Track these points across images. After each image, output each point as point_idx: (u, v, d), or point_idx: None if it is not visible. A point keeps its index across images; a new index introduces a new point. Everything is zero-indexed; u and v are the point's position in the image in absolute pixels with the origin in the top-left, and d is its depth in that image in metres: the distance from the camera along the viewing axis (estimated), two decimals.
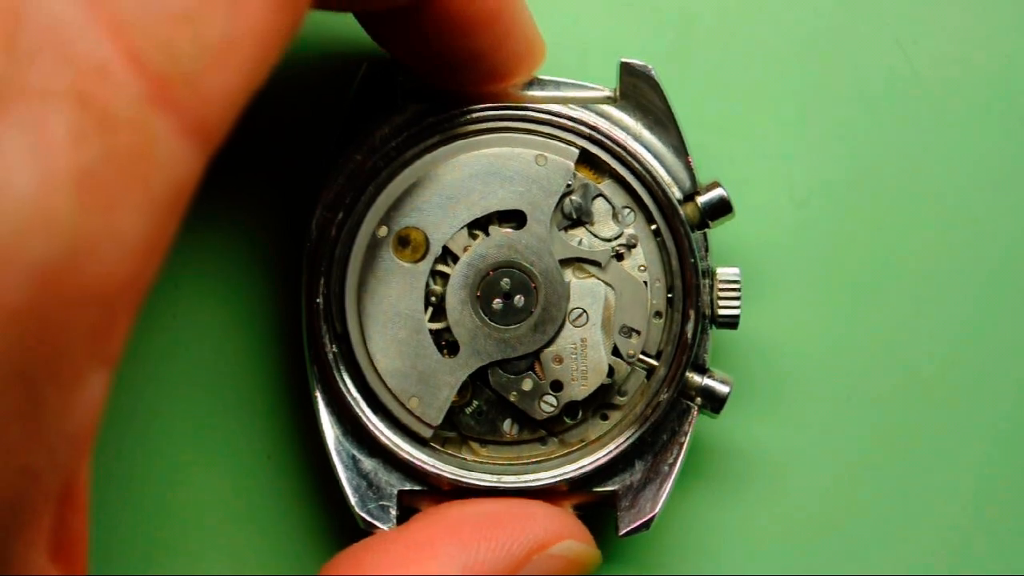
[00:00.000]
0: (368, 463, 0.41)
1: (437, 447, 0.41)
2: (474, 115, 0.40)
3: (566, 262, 0.41)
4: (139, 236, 0.27)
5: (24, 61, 0.26)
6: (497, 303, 0.40)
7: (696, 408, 0.40)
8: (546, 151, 0.40)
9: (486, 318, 0.40)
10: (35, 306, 0.26)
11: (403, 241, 0.40)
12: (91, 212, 0.26)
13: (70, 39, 0.26)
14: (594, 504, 0.41)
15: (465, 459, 0.41)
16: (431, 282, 0.41)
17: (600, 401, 0.41)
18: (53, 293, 0.26)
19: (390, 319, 0.40)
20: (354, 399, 0.40)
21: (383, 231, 0.40)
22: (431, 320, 0.41)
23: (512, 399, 0.41)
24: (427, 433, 0.41)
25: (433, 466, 0.40)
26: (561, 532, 0.39)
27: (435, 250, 0.40)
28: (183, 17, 0.27)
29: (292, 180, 0.43)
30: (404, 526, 0.39)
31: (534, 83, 0.41)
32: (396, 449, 0.40)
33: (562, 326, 0.40)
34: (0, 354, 0.26)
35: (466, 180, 0.40)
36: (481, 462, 0.41)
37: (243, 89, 0.29)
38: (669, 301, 0.41)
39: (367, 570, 0.37)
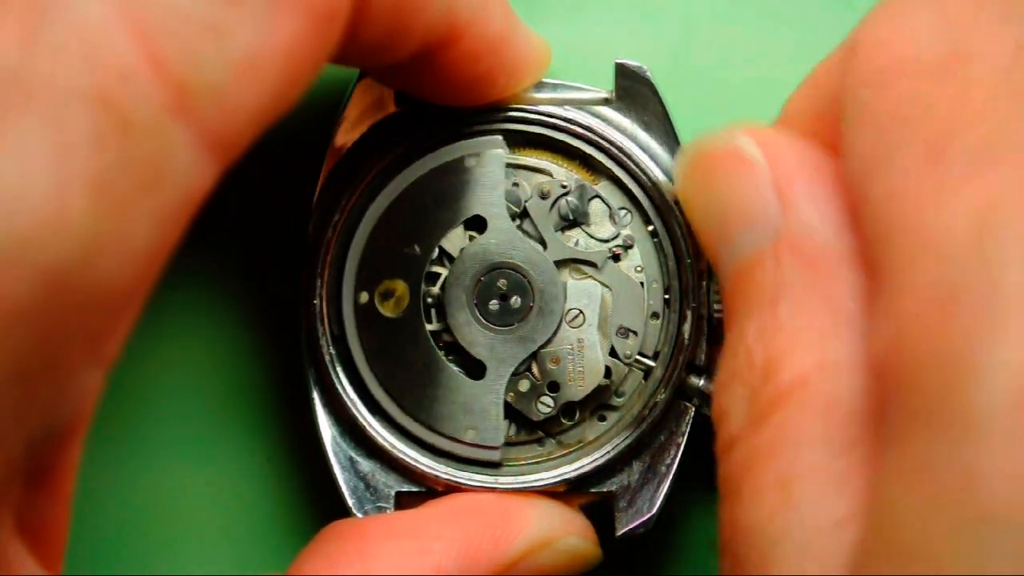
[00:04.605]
0: (365, 464, 0.41)
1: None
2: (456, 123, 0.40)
3: (562, 263, 0.41)
4: (147, 243, 0.27)
5: (47, 57, 0.26)
6: (494, 304, 0.40)
7: (693, 408, 0.41)
8: (473, 149, 0.40)
9: (493, 326, 0.40)
10: (41, 307, 0.26)
11: (386, 296, 0.40)
12: (103, 217, 0.26)
13: (96, 40, 0.26)
14: (592, 505, 0.41)
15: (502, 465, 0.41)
16: (427, 288, 0.41)
17: (597, 402, 0.41)
18: (60, 295, 0.26)
19: (410, 376, 0.40)
20: (351, 400, 0.40)
21: (364, 297, 0.40)
22: (429, 322, 0.41)
23: (509, 400, 0.41)
24: (496, 456, 0.40)
25: (430, 467, 0.40)
26: (565, 528, 0.39)
27: (419, 293, 0.40)
28: (210, 27, 0.27)
29: (289, 182, 0.43)
30: (410, 510, 0.39)
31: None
32: (393, 450, 0.40)
33: (561, 320, 0.41)
34: (3, 351, 0.26)
35: (415, 213, 0.40)
36: None
37: (267, 108, 0.28)
38: (666, 302, 0.41)
39: (369, 542, 0.37)
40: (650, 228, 0.41)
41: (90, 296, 0.26)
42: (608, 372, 0.41)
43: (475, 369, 0.41)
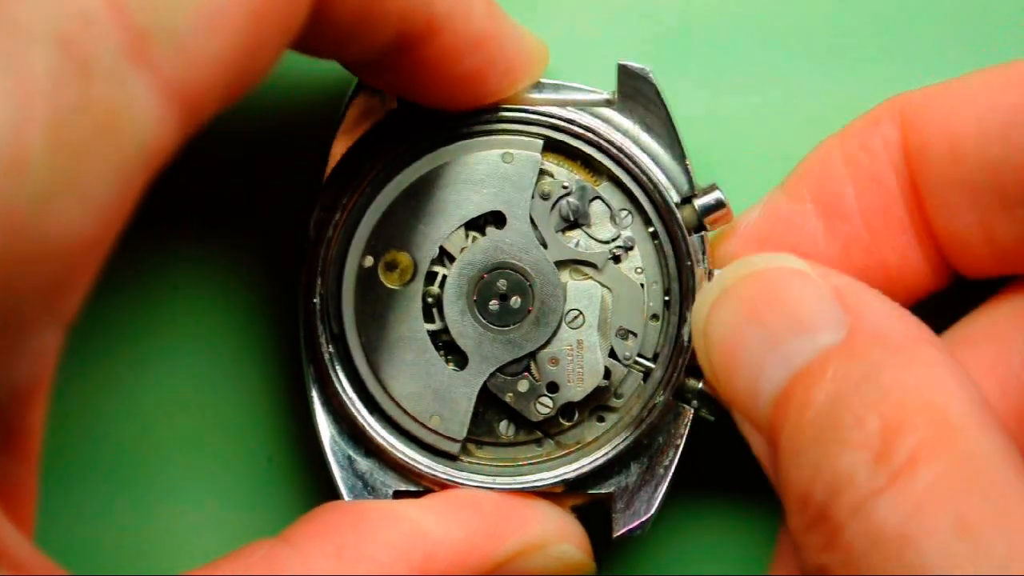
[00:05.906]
0: (364, 463, 0.41)
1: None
2: (455, 122, 0.40)
3: (563, 264, 0.41)
4: (105, 192, 0.27)
5: None
6: (494, 304, 0.40)
7: (692, 411, 0.40)
8: (510, 148, 0.40)
9: (486, 322, 0.40)
10: None
11: (390, 266, 0.40)
12: (61, 159, 0.26)
13: None
14: (590, 506, 0.41)
15: (461, 460, 0.41)
16: (427, 288, 0.41)
17: (596, 403, 0.41)
18: (15, 240, 0.26)
19: (394, 344, 0.40)
20: (350, 399, 0.40)
21: (369, 261, 0.40)
22: (429, 322, 0.41)
23: (508, 400, 0.41)
24: (454, 449, 0.41)
25: (428, 467, 0.40)
26: (560, 534, 0.39)
27: (422, 270, 0.40)
28: None
29: (289, 181, 0.43)
30: (410, 499, 0.39)
31: (532, 86, 0.41)
32: (391, 449, 0.40)
33: (560, 323, 0.40)
34: None
35: (439, 193, 0.40)
36: (477, 463, 0.41)
37: (230, 66, 0.28)
38: (666, 303, 0.41)
39: (365, 519, 0.37)
40: (651, 229, 0.41)
41: (46, 244, 0.26)
42: (607, 373, 0.41)
43: (459, 361, 0.41)
